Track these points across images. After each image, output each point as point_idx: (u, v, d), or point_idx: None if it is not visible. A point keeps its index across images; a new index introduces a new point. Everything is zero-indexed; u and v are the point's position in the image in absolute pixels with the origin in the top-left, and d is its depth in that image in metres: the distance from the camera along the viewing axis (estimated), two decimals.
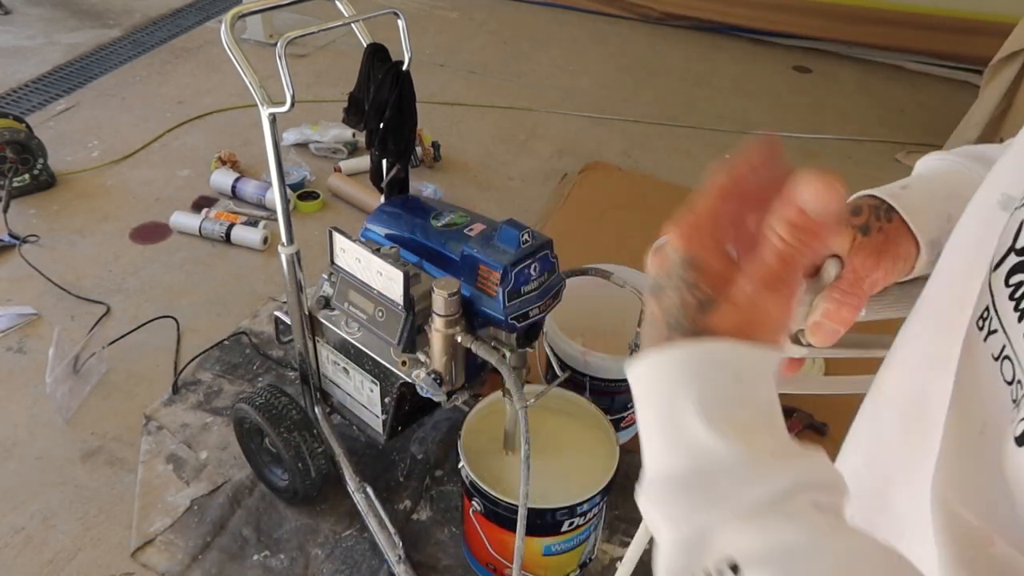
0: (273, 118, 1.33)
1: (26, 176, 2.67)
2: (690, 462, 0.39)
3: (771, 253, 0.40)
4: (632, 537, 1.72)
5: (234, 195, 2.74)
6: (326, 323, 1.57)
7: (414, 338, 1.36)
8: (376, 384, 1.55)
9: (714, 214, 0.42)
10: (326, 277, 1.53)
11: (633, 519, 1.77)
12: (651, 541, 1.12)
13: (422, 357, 1.38)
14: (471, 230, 1.40)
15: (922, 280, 0.60)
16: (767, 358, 0.41)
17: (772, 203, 0.40)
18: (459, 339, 1.32)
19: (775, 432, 0.40)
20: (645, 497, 0.41)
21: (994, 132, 3.08)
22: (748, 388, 0.40)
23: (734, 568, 0.37)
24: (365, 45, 1.46)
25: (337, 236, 1.41)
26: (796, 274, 0.40)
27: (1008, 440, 0.38)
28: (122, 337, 2.18)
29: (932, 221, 0.61)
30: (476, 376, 1.50)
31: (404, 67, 1.45)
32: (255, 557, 1.66)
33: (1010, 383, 0.40)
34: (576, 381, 1.77)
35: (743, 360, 0.40)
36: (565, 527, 1.48)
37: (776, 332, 0.41)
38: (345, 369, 1.61)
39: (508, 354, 1.32)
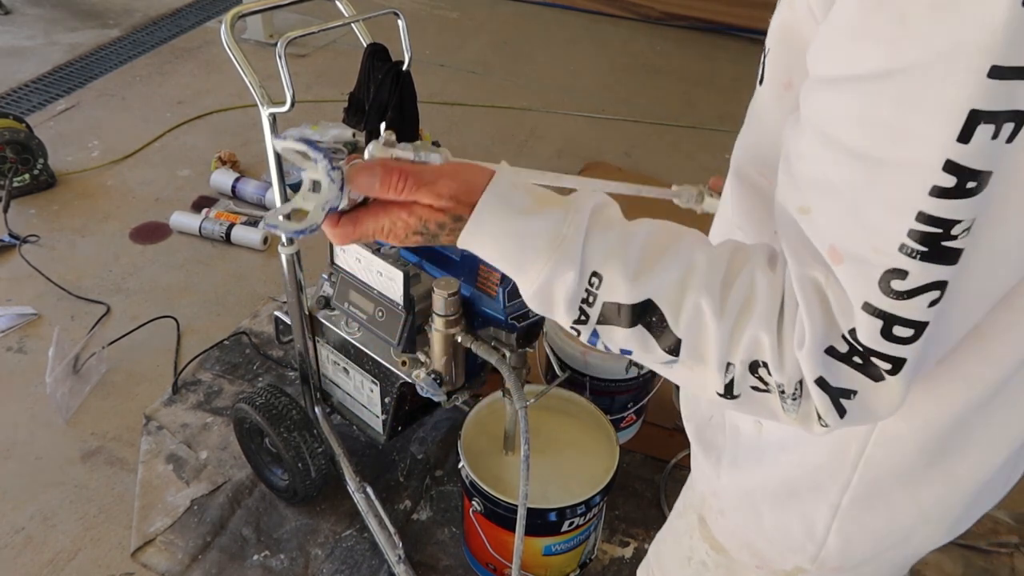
0: (273, 118, 1.33)
1: (26, 176, 2.67)
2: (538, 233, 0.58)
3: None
4: (632, 537, 1.73)
5: (234, 195, 2.74)
6: (326, 323, 1.57)
7: (414, 338, 1.36)
8: (376, 384, 1.55)
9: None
10: (326, 277, 1.53)
11: (633, 519, 1.77)
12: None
13: (422, 357, 1.38)
14: None
15: None
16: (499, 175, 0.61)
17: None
18: (459, 339, 1.32)
19: (557, 199, 0.60)
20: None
21: None
22: (522, 193, 0.60)
23: (596, 275, 0.56)
24: (365, 45, 1.46)
25: None
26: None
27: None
28: (122, 337, 2.18)
29: None
30: (476, 376, 1.50)
31: (404, 67, 1.45)
32: (255, 557, 1.66)
33: None
34: (576, 381, 1.77)
35: (502, 184, 0.60)
36: (565, 527, 1.48)
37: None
38: (345, 369, 1.61)
39: (508, 354, 1.32)
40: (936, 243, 0.46)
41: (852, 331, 0.51)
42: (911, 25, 0.42)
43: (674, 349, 0.56)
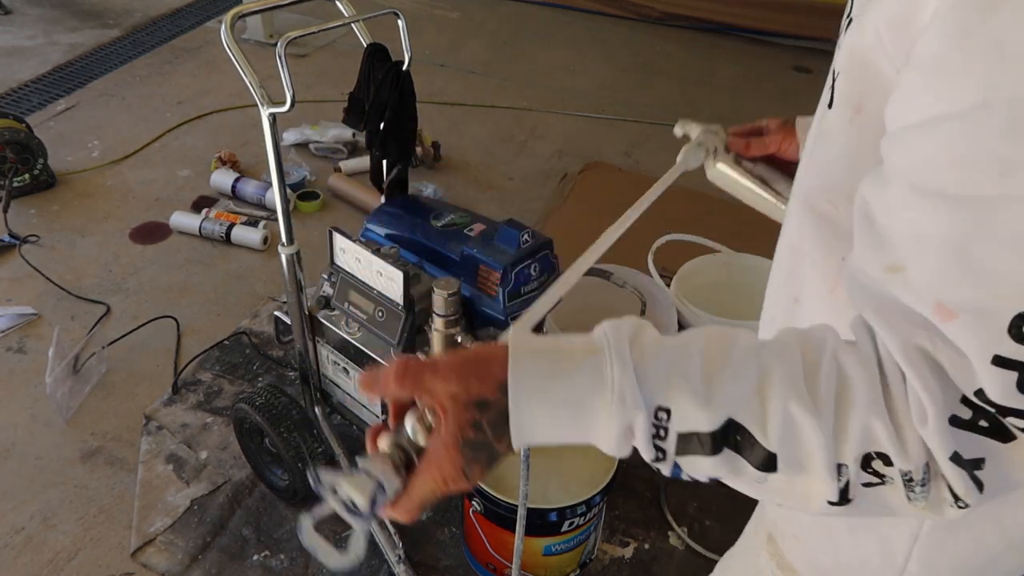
0: (273, 118, 1.33)
1: (26, 176, 2.67)
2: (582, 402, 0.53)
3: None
4: (632, 537, 1.73)
5: (234, 195, 2.74)
6: (326, 323, 1.57)
7: (414, 338, 1.36)
8: None
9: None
10: (326, 277, 1.53)
11: (633, 519, 1.77)
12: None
13: (422, 357, 1.38)
14: (471, 230, 1.41)
15: None
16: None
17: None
18: (459, 339, 1.32)
19: (580, 343, 0.55)
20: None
21: None
22: (545, 356, 0.54)
23: (661, 408, 0.51)
24: (365, 45, 1.46)
25: (337, 236, 1.41)
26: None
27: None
28: (122, 337, 2.18)
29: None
30: None
31: (404, 67, 1.45)
32: (255, 557, 1.66)
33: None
34: None
35: (521, 356, 0.54)
36: (565, 527, 1.48)
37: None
38: (345, 369, 1.61)
39: None
40: None
41: (979, 392, 0.46)
42: (1009, 51, 0.41)
43: (768, 465, 0.51)
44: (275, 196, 1.44)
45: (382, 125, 1.47)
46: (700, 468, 0.53)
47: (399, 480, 0.57)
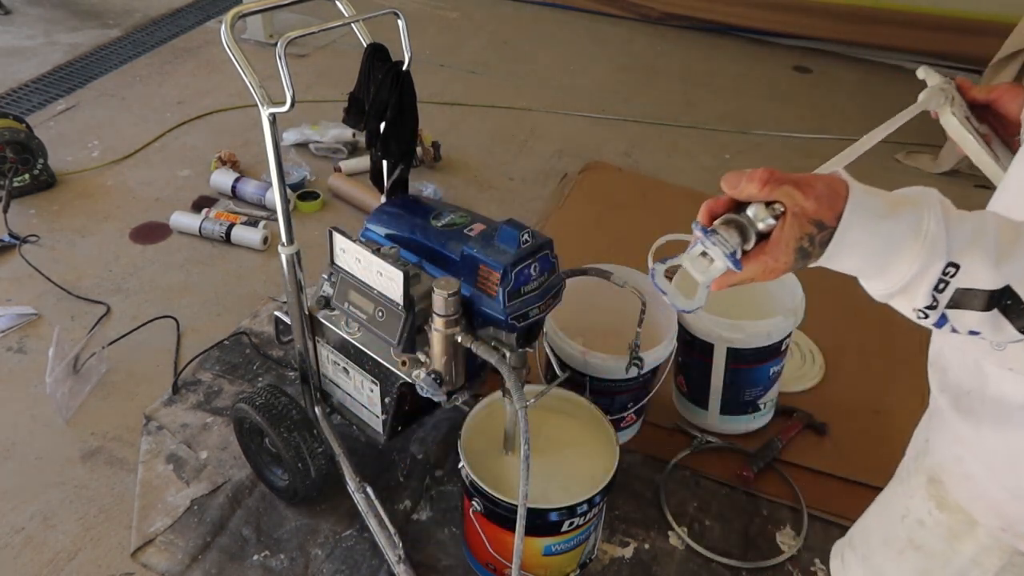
0: (273, 118, 1.33)
1: (26, 176, 2.67)
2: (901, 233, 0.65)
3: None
4: (632, 537, 1.73)
5: (234, 195, 2.74)
6: (326, 323, 1.57)
7: (414, 338, 1.36)
8: (376, 384, 1.55)
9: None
10: (326, 277, 1.53)
11: (633, 519, 1.77)
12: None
13: (422, 357, 1.38)
14: (471, 230, 1.41)
15: None
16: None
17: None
18: (459, 339, 1.32)
19: (901, 198, 0.67)
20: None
21: None
22: (876, 198, 0.67)
23: (952, 264, 0.63)
24: (365, 45, 1.46)
25: (337, 236, 1.41)
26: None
27: None
28: (122, 337, 2.18)
29: None
30: (476, 376, 1.50)
31: (404, 67, 1.45)
32: (255, 557, 1.66)
33: None
34: (576, 381, 1.77)
35: (859, 192, 0.67)
36: (565, 527, 1.48)
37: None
38: (345, 369, 1.61)
39: (508, 354, 1.32)
40: None
41: None
42: None
43: None
44: (275, 196, 1.44)
45: (383, 125, 1.47)
46: (965, 321, 0.65)
47: (737, 244, 0.70)
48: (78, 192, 2.76)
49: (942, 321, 0.65)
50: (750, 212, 0.70)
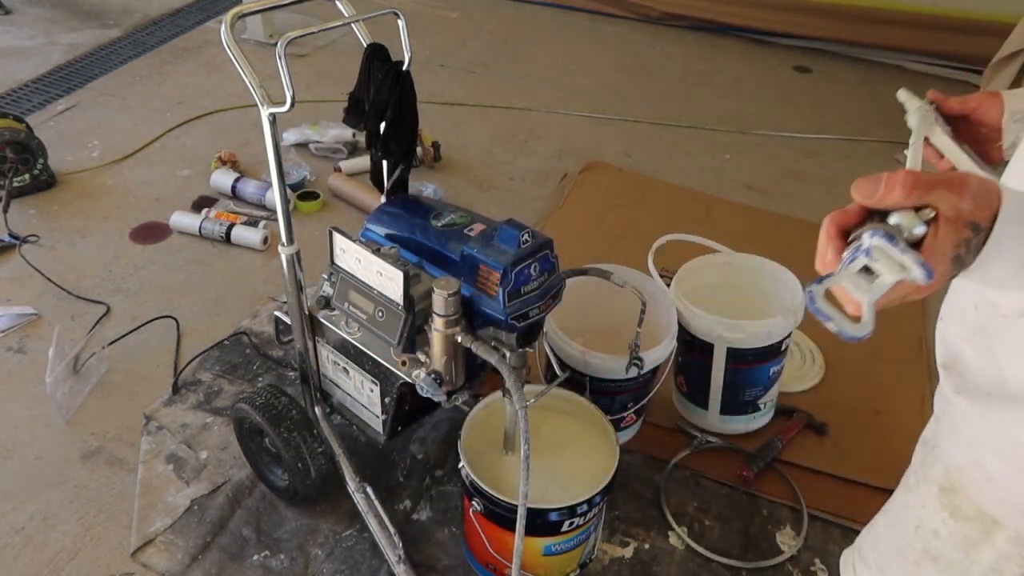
0: (273, 118, 1.33)
1: (26, 176, 2.67)
2: None
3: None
4: (632, 537, 1.73)
5: (234, 195, 2.74)
6: (326, 323, 1.57)
7: (414, 338, 1.36)
8: (376, 384, 1.55)
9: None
10: (326, 277, 1.53)
11: (633, 519, 1.77)
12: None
13: (422, 357, 1.38)
14: (471, 230, 1.41)
15: None
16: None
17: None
18: (459, 339, 1.32)
19: None
20: None
21: None
22: None
23: None
24: (365, 45, 1.46)
25: (337, 236, 1.41)
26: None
27: None
28: (122, 337, 2.18)
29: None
30: (476, 376, 1.50)
31: (404, 67, 1.45)
32: (255, 557, 1.66)
33: None
34: (576, 381, 1.77)
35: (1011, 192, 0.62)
36: (565, 527, 1.48)
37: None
38: (345, 369, 1.61)
39: (508, 354, 1.32)
40: None
41: None
42: None
43: None
44: (275, 196, 1.44)
45: (383, 125, 1.47)
46: None
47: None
48: (78, 192, 2.76)
49: None
50: (896, 220, 0.62)
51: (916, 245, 0.61)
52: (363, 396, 1.61)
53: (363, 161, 2.92)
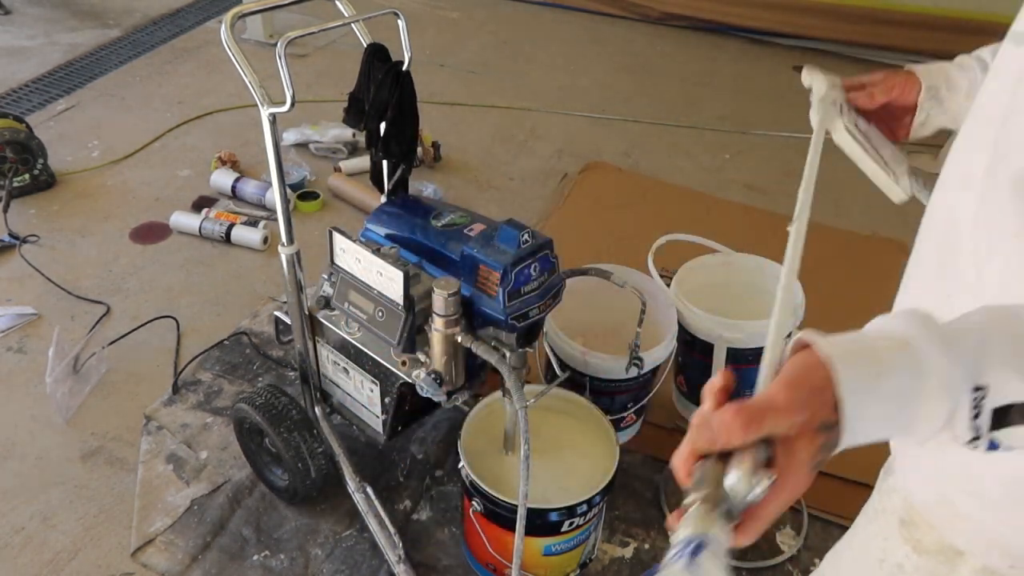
0: (273, 118, 1.34)
1: (26, 176, 2.67)
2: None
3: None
4: (632, 537, 1.73)
5: (234, 195, 2.74)
6: (326, 323, 1.57)
7: (414, 338, 1.36)
8: (376, 384, 1.55)
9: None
10: (326, 277, 1.53)
11: (633, 519, 1.77)
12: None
13: (422, 357, 1.38)
14: (471, 230, 1.41)
15: None
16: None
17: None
18: (459, 339, 1.32)
19: (885, 339, 0.58)
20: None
21: None
22: (864, 359, 0.56)
23: (977, 388, 0.53)
24: (365, 45, 1.46)
25: (337, 236, 1.41)
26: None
27: None
28: (122, 337, 2.18)
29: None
30: (476, 376, 1.50)
31: (404, 67, 1.45)
32: (255, 557, 1.66)
33: None
34: (576, 381, 1.77)
35: (842, 366, 0.56)
36: (565, 527, 1.48)
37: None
38: (345, 369, 1.61)
39: (508, 354, 1.32)
40: None
41: None
42: None
43: None
44: (275, 196, 1.44)
45: (383, 125, 1.47)
46: (1020, 437, 0.55)
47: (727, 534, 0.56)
48: (78, 192, 2.76)
49: (993, 446, 0.56)
50: (731, 483, 0.55)
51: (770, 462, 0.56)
52: (363, 396, 1.61)
53: (363, 161, 2.92)
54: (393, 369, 1.46)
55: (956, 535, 0.79)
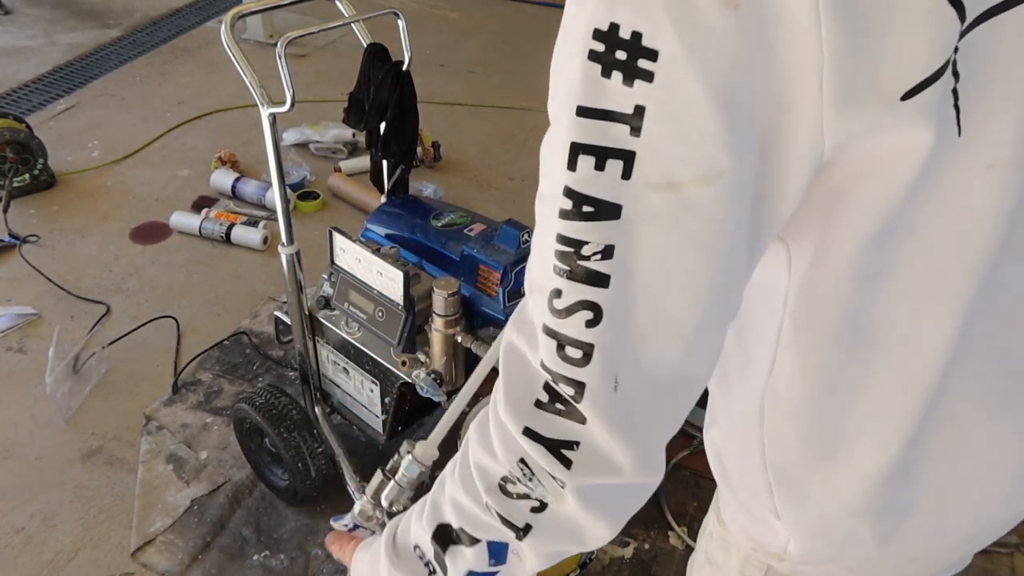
0: (273, 118, 1.33)
1: (26, 176, 2.67)
2: None
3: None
4: (632, 537, 1.73)
5: (234, 195, 2.74)
6: (326, 323, 1.57)
7: (414, 338, 1.36)
8: (376, 384, 1.55)
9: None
10: (326, 277, 1.53)
11: (633, 519, 1.77)
12: None
13: (422, 357, 1.38)
14: (471, 230, 1.41)
15: None
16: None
17: None
18: (459, 339, 1.32)
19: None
20: None
21: None
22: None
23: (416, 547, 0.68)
24: (365, 45, 1.46)
25: (337, 236, 1.41)
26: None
27: None
28: (122, 337, 2.18)
29: None
30: None
31: (404, 67, 1.45)
32: (255, 557, 1.66)
33: None
34: None
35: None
36: None
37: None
38: (345, 369, 1.61)
39: None
40: (572, 261, 0.49)
41: (542, 363, 0.52)
42: (553, 85, 0.52)
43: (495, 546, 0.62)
44: (275, 196, 1.44)
45: (383, 126, 1.47)
46: (465, 561, 0.64)
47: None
48: (78, 192, 2.76)
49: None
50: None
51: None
52: (363, 396, 1.61)
53: (363, 161, 2.92)
54: (393, 369, 1.46)
55: (726, 514, 0.87)
